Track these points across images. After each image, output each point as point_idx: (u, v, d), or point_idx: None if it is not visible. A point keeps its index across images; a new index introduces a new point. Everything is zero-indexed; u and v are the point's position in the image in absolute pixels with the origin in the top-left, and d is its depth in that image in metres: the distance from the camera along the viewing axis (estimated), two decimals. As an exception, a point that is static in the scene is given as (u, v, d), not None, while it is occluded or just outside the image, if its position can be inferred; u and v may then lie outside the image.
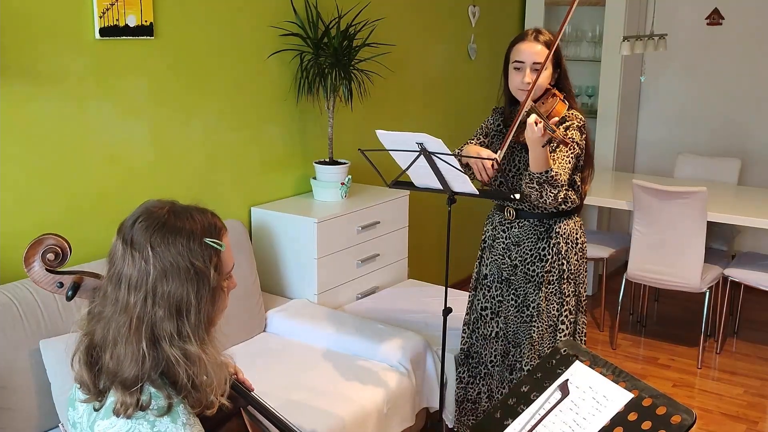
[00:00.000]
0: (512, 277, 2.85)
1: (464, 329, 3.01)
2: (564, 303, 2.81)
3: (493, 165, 2.62)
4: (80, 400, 1.45)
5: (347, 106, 3.67)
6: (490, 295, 2.90)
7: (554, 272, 2.79)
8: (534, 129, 2.41)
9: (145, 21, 2.90)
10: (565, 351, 1.68)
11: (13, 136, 2.60)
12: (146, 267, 1.37)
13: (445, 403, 3.06)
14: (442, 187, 2.70)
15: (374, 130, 2.68)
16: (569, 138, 2.60)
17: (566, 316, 2.81)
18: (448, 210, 2.75)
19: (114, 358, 1.37)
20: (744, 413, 3.66)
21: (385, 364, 2.96)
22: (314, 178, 3.65)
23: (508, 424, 1.59)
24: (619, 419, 1.49)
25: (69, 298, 1.54)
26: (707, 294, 4.11)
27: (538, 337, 2.80)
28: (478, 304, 2.95)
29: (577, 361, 1.64)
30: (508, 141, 2.63)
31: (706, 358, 4.21)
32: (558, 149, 2.62)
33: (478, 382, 2.98)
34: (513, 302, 2.86)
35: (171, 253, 1.38)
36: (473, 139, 2.89)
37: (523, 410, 1.61)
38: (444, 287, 2.88)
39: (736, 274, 4.17)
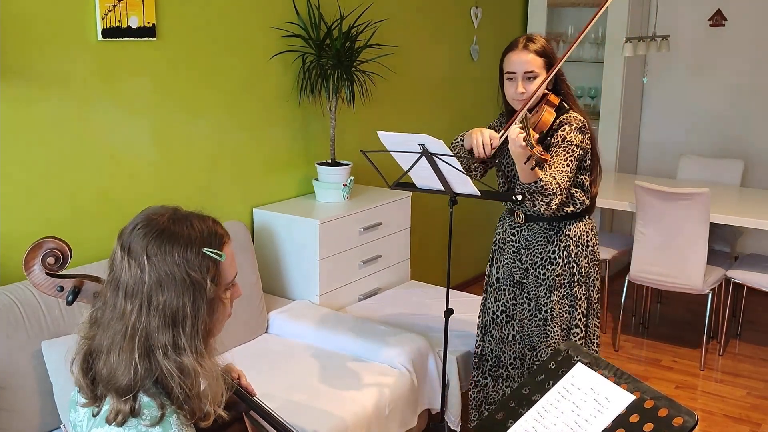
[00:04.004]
0: (524, 281, 2.85)
1: (477, 332, 3.02)
2: (576, 306, 2.80)
3: (492, 143, 2.61)
4: (79, 404, 1.44)
5: (349, 107, 3.67)
6: (505, 299, 2.90)
7: (565, 275, 2.79)
8: (514, 143, 2.40)
9: (148, 22, 2.91)
10: (566, 352, 1.68)
11: (16, 137, 2.60)
12: (141, 276, 1.34)
13: (447, 404, 3.05)
14: (443, 189, 2.70)
15: (376, 132, 2.68)
16: (549, 155, 2.55)
17: (579, 320, 2.81)
18: (450, 211, 2.75)
19: (107, 366, 1.35)
20: (747, 415, 3.65)
21: (387, 366, 2.96)
22: (316, 180, 3.65)
23: (510, 426, 1.59)
24: (620, 421, 1.49)
25: (69, 303, 1.52)
26: (710, 296, 4.10)
27: (554, 341, 2.80)
28: (490, 307, 2.95)
29: (578, 362, 1.64)
30: (509, 127, 2.59)
31: (708, 359, 4.21)
32: (556, 155, 2.60)
33: (500, 384, 2.98)
34: (527, 306, 2.85)
35: (167, 263, 1.34)
36: None
37: (524, 412, 1.61)
38: (446, 288, 2.88)
39: (739, 275, 4.17)
